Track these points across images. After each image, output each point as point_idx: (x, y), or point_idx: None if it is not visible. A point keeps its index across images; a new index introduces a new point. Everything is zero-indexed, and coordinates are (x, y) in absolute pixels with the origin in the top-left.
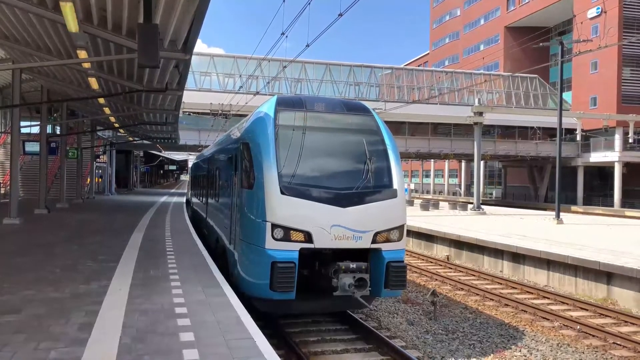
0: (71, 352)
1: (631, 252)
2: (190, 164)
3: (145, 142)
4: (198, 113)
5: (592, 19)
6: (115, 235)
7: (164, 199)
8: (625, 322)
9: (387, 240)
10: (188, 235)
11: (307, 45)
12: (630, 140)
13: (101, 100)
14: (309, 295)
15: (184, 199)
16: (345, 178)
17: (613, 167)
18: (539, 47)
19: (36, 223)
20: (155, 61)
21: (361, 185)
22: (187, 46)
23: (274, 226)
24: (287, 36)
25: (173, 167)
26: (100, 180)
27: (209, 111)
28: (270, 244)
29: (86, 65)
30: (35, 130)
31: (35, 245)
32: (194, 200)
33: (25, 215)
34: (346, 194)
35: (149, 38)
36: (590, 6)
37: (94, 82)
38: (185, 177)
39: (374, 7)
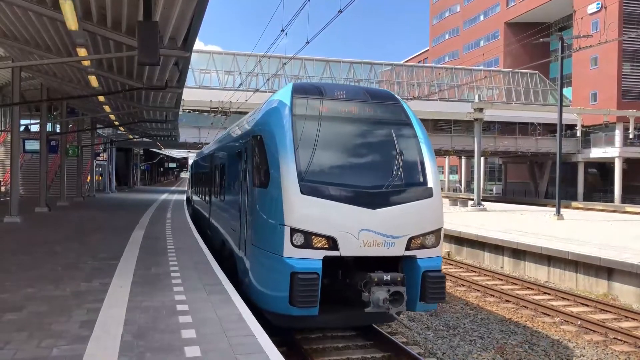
0: (73, 350)
1: (632, 248)
2: (190, 162)
3: (145, 139)
4: (198, 110)
5: (592, 14)
6: (116, 233)
7: (164, 196)
8: (626, 317)
9: (423, 246)
10: (189, 232)
11: (307, 42)
12: (631, 136)
13: (101, 98)
14: (331, 307)
15: (184, 197)
16: (374, 175)
17: (613, 163)
18: (539, 43)
19: (37, 221)
20: (155, 59)
21: (392, 183)
22: (187, 43)
23: (294, 231)
24: (286, 33)
25: (173, 165)
26: (100, 178)
27: (208, 109)
28: (289, 251)
29: (86, 63)
30: (35, 128)
31: (36, 243)
32: (196, 198)
33: (25, 213)
34: (376, 194)
35: (148, 35)
36: (590, 1)
37: (93, 80)
38: (186, 175)
39: (374, 4)
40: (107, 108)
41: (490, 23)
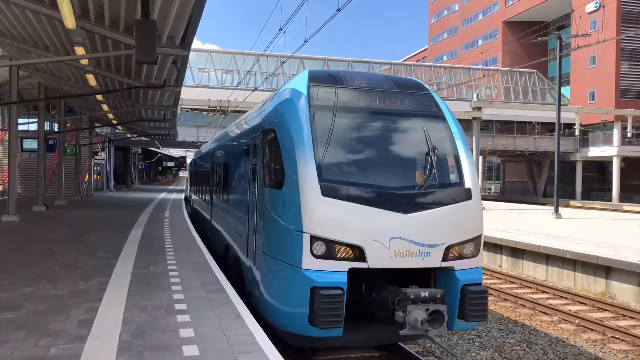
0: (71, 349)
1: (630, 246)
2: (189, 160)
3: (143, 138)
4: (196, 109)
5: (590, 13)
6: (114, 232)
7: (162, 195)
8: (624, 316)
9: (461, 256)
10: (187, 232)
11: (305, 41)
12: (629, 135)
13: (99, 97)
14: (354, 324)
15: (182, 196)
16: (404, 174)
17: (611, 162)
18: (537, 41)
19: (35, 220)
20: (153, 57)
21: (425, 183)
22: (185, 42)
23: (314, 239)
24: (285, 32)
25: (171, 164)
26: (98, 177)
27: (207, 107)
28: (308, 262)
29: (84, 61)
30: (33, 127)
31: (34, 242)
32: (195, 198)
33: (23, 212)
34: (408, 196)
35: (146, 34)
36: (589, 0)
37: (91, 79)
38: (184, 174)
39: (372, 3)
40: (105, 107)
41: (488, 22)
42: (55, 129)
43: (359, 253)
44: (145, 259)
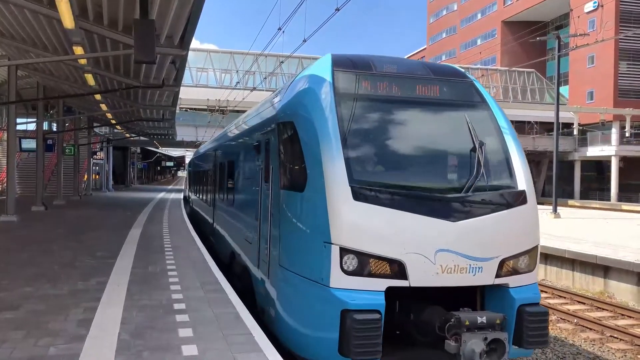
0: (70, 349)
1: (628, 246)
2: (187, 160)
3: (142, 138)
4: (195, 109)
5: (588, 13)
6: (113, 232)
7: (161, 195)
8: (622, 315)
9: (516, 271)
10: (186, 231)
11: (304, 40)
12: (627, 134)
13: (98, 97)
14: (391, 350)
15: (181, 196)
16: (448, 174)
17: (610, 161)
18: (536, 41)
19: (33, 220)
20: (152, 57)
21: (473, 185)
22: (184, 42)
23: (345, 252)
24: (283, 31)
25: (170, 164)
26: (97, 176)
27: (205, 107)
28: (338, 279)
29: (82, 61)
30: (32, 127)
31: (33, 242)
32: (195, 199)
33: (22, 212)
34: (456, 200)
35: (145, 34)
36: (587, 0)
37: (90, 79)
38: (183, 174)
39: (371, 2)
40: (103, 106)
41: (487, 21)
42: (54, 128)
43: (398, 269)
44: (144, 258)
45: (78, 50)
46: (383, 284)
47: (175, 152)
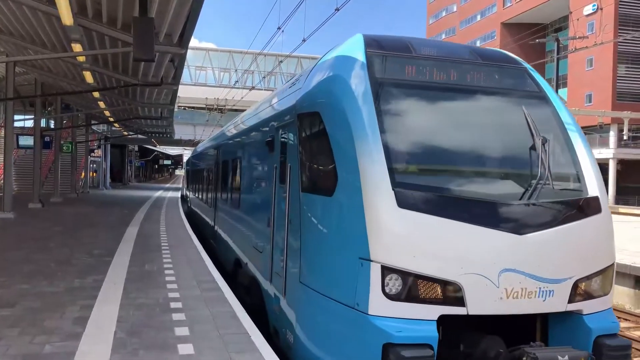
0: (66, 346)
1: (626, 249)
2: (185, 158)
3: (140, 136)
4: (193, 107)
5: (588, 15)
6: (110, 230)
7: (158, 193)
8: (619, 318)
9: (590, 295)
10: (183, 230)
11: (304, 40)
12: (625, 137)
13: (96, 94)
14: None
15: (178, 194)
16: (507, 177)
17: (607, 164)
18: (535, 43)
19: (30, 217)
20: (151, 55)
21: (538, 190)
22: (183, 40)
23: (387, 271)
24: (283, 30)
25: (168, 162)
26: (94, 174)
27: (204, 106)
28: (378, 305)
29: (81, 58)
30: (29, 124)
31: (30, 239)
32: (194, 199)
33: (19, 209)
34: (521, 208)
35: (144, 32)
36: (586, 3)
37: (88, 76)
38: (181, 172)
39: (371, 2)
40: (102, 104)
41: (487, 23)
42: (52, 125)
43: (454, 293)
44: (141, 256)
45: (77, 47)
46: (435, 311)
47: (173, 150)
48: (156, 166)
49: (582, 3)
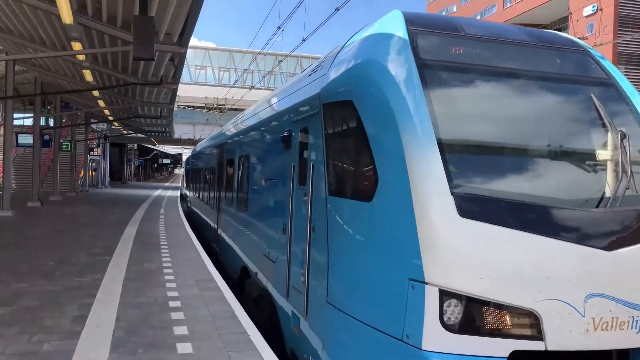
0: (64, 345)
1: None
2: (184, 157)
3: (139, 135)
4: (193, 107)
5: (587, 16)
6: (109, 229)
7: (158, 192)
8: None
9: None
10: (182, 229)
11: (304, 40)
12: None
13: (95, 93)
14: None
15: (178, 193)
16: (588, 180)
17: None
18: None
19: (29, 216)
20: (151, 54)
21: (623, 194)
22: (183, 39)
23: (447, 296)
24: (282, 30)
25: (167, 161)
26: (94, 173)
27: (203, 105)
28: (436, 339)
29: (80, 57)
30: (29, 122)
31: (29, 237)
32: (194, 199)
33: (18, 207)
34: (606, 217)
35: (144, 31)
36: (586, 4)
37: (88, 75)
38: (180, 171)
39: (370, 2)
40: (101, 103)
41: None
42: (51, 124)
43: (529, 323)
44: (140, 255)
45: (76, 46)
46: (505, 346)
47: (172, 149)
48: (155, 165)
49: (581, 4)
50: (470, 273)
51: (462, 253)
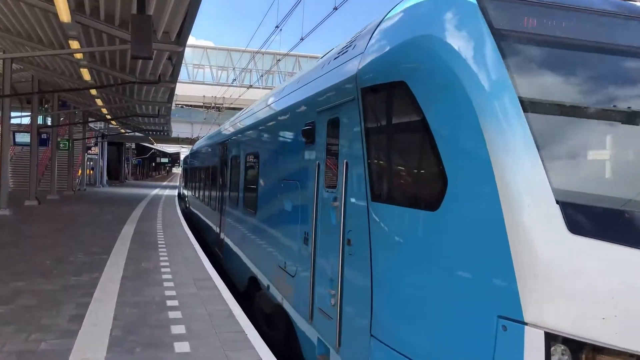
0: (62, 344)
1: None
2: (182, 157)
3: (137, 134)
4: (191, 106)
5: None
6: (107, 228)
7: (155, 191)
8: None
9: None
10: (180, 228)
11: (302, 39)
12: None
13: (93, 92)
14: None
15: (175, 192)
16: None
17: None
18: None
19: (26, 214)
20: (149, 52)
21: None
22: (181, 38)
23: (553, 340)
24: (281, 29)
25: (165, 160)
26: (91, 172)
27: (201, 104)
28: None
29: (78, 56)
30: (26, 121)
31: (26, 236)
32: (193, 200)
33: (15, 206)
34: None
35: (142, 29)
36: None
37: (86, 73)
38: (178, 170)
39: (370, 1)
40: (99, 101)
41: None
42: (49, 123)
43: None
44: (137, 254)
45: (74, 44)
46: None
47: (170, 148)
48: (153, 164)
49: None
50: (589, 311)
51: (577, 283)
